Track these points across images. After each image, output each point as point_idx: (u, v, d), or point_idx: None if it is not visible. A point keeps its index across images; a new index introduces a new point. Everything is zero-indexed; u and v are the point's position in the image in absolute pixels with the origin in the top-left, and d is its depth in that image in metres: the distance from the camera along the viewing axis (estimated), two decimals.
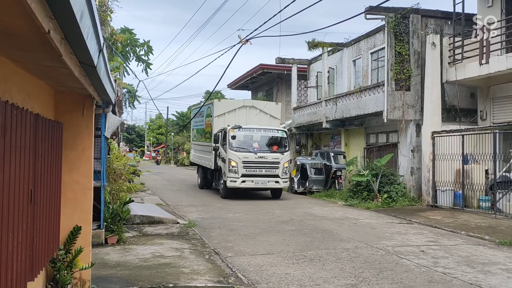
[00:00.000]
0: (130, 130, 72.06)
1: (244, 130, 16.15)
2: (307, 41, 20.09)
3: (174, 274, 6.43)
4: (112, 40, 17.88)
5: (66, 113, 5.15)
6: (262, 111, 18.15)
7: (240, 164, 15.47)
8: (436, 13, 16.03)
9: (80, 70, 3.37)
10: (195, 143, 22.15)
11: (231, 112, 17.82)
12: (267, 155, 15.80)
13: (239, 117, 17.59)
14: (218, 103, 18.29)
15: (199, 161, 20.38)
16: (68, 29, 2.40)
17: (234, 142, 15.74)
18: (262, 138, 16.36)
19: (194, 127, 23.01)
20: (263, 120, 17.97)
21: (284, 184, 16.26)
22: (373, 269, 6.92)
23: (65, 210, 5.19)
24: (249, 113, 17.88)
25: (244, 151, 15.68)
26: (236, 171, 15.47)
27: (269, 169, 15.77)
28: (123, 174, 10.77)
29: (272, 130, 16.72)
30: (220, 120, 17.64)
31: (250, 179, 15.64)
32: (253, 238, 9.22)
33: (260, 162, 15.69)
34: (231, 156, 15.52)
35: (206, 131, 19.20)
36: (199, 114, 21.41)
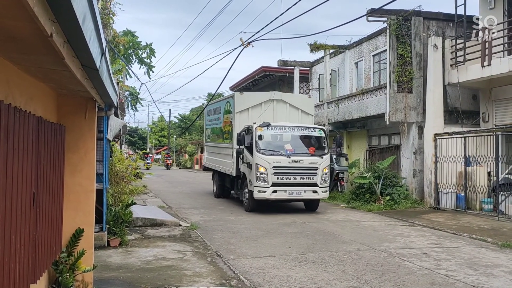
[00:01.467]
0: (133, 132, 72.22)
1: (274, 128, 13.32)
2: (309, 43, 20.10)
3: (176, 277, 6.43)
4: (115, 43, 17.93)
5: (69, 116, 5.17)
6: (292, 105, 15.09)
7: (270, 171, 12.63)
8: (438, 15, 16.03)
9: (83, 73, 3.38)
10: (210, 144, 18.89)
11: (255, 107, 14.80)
12: (303, 159, 12.90)
13: (265, 113, 14.68)
14: (240, 97, 15.01)
15: (215, 165, 17.33)
16: (71, 32, 2.42)
17: (262, 143, 12.93)
18: (296, 138, 13.51)
19: (208, 126, 19.60)
20: (293, 116, 14.96)
21: (323, 195, 13.18)
22: (376, 271, 6.91)
23: (68, 212, 5.21)
24: (277, 108, 14.86)
25: (274, 154, 12.90)
26: (265, 179, 12.63)
27: (305, 176, 12.90)
28: (126, 176, 10.79)
29: (307, 128, 13.79)
30: (242, 117, 14.71)
31: (283, 188, 12.77)
32: (255, 240, 9.22)
33: (295, 167, 12.80)
34: (259, 161, 12.69)
35: (224, 131, 16.19)
36: (214, 111, 18.21)
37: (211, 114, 18.80)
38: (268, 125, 13.16)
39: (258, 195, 12.78)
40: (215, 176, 17.92)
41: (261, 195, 12.77)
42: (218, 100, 18.51)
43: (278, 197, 12.90)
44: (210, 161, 18.63)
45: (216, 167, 17.19)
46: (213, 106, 18.74)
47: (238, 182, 14.58)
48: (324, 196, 13.35)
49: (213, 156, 17.97)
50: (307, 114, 15.38)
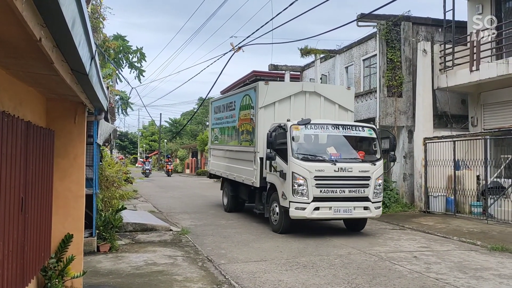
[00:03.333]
0: (123, 137, 71.87)
1: (314, 126, 10.49)
2: (299, 48, 20.17)
3: (167, 282, 6.39)
4: (105, 47, 17.85)
5: (58, 121, 5.13)
6: (327, 99, 12.18)
7: (311, 181, 9.77)
8: (427, 20, 16.20)
9: (72, 77, 3.37)
10: (218, 147, 15.69)
11: (283, 101, 11.89)
12: (352, 167, 10.08)
13: (296, 108, 11.79)
14: (265, 88, 11.84)
15: (226, 173, 14.34)
16: (60, 37, 2.41)
17: (300, 146, 10.19)
18: (341, 139, 10.71)
19: (215, 126, 16.31)
20: (329, 112, 12.09)
21: (376, 212, 10.31)
22: (366, 275, 6.93)
23: (57, 218, 5.17)
24: (310, 102, 11.97)
25: (316, 160, 10.08)
26: (305, 193, 9.76)
27: (355, 188, 10.10)
28: (116, 181, 10.72)
29: (354, 127, 10.97)
30: (267, 114, 11.78)
31: (327, 204, 9.88)
32: (246, 245, 9.20)
33: (342, 177, 9.98)
34: (296, 169, 9.85)
35: (241, 130, 13.06)
36: (225, 108, 15.11)
37: (220, 111, 15.66)
38: (309, 122, 10.31)
39: (295, 213, 9.82)
40: (225, 185, 15.00)
41: (300, 213, 9.81)
42: (232, 93, 15.24)
43: (321, 216, 10.08)
44: (218, 167, 15.57)
45: (227, 175, 14.23)
46: (223, 102, 15.48)
47: (262, 194, 11.58)
48: (378, 214, 10.42)
49: (223, 162, 14.95)
50: (346, 109, 12.37)
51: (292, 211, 9.87)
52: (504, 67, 12.47)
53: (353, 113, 12.74)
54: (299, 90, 12.03)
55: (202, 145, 41.59)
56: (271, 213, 10.95)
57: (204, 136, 43.67)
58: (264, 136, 10.98)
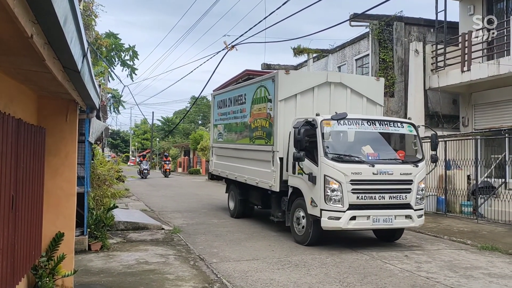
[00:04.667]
0: (115, 135, 71.59)
1: (348, 122, 9.00)
2: (292, 47, 20.27)
3: (158, 281, 6.38)
4: (97, 45, 17.76)
5: (50, 118, 5.10)
6: (354, 91, 10.64)
7: (347, 186, 8.40)
8: (419, 21, 16.31)
9: (64, 75, 3.35)
10: (222, 146, 14.07)
11: (305, 93, 10.29)
12: (393, 169, 8.75)
13: (320, 102, 10.30)
14: (285, 78, 10.29)
15: (234, 174, 12.73)
16: (52, 34, 2.39)
17: (331, 144, 8.81)
18: (377, 137, 9.39)
19: (219, 122, 14.55)
20: (356, 106, 10.56)
21: (419, 221, 9.00)
22: (358, 274, 6.96)
23: (48, 216, 5.13)
24: (335, 95, 10.46)
25: (351, 161, 8.73)
26: (339, 199, 8.40)
27: (395, 194, 8.74)
28: (108, 179, 10.66)
29: (392, 123, 9.56)
30: (288, 108, 10.18)
31: (365, 213, 8.54)
32: (238, 243, 9.20)
33: (382, 181, 8.64)
34: (329, 171, 8.45)
35: (254, 127, 11.41)
36: (232, 101, 13.31)
37: (225, 106, 13.88)
38: (345, 116, 8.90)
39: (328, 223, 8.45)
40: (232, 188, 13.44)
41: (334, 224, 8.42)
42: (241, 85, 13.32)
43: (358, 227, 8.77)
44: (222, 167, 13.89)
45: (235, 176, 12.59)
46: (229, 95, 13.65)
47: (282, 200, 10.05)
48: (420, 223, 9.14)
49: (229, 162, 13.27)
50: (374, 103, 10.88)
51: (324, 221, 8.44)
52: (495, 68, 12.58)
53: (383, 107, 11.22)
54: (324, 80, 10.39)
55: (195, 144, 41.51)
56: (294, 222, 9.45)
57: (196, 135, 43.59)
58: (284, 133, 9.86)
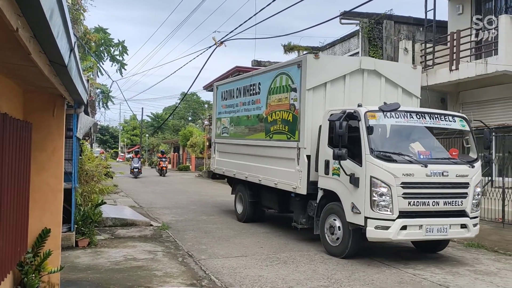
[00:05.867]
0: (104, 131, 71.09)
1: (395, 115, 7.76)
2: (283, 44, 20.24)
3: (146, 277, 6.36)
4: (86, 40, 17.59)
5: (36, 113, 5.04)
6: (389, 80, 9.42)
7: (397, 190, 7.16)
8: (409, 19, 16.40)
9: (50, 69, 3.31)
10: (228, 141, 12.58)
11: (336, 81, 8.99)
12: (448, 170, 7.50)
13: (351, 92, 9.03)
14: (315, 63, 8.84)
15: (244, 174, 11.27)
16: (38, 27, 2.36)
17: (377, 140, 7.63)
18: (425, 133, 8.26)
19: (223, 115, 13.07)
20: (390, 97, 9.12)
21: (475, 231, 7.80)
22: (346, 270, 7.00)
23: (34, 212, 5.08)
24: (368, 84, 9.21)
25: (401, 160, 7.43)
26: (388, 205, 7.15)
27: (450, 199, 7.51)
28: (96, 175, 10.58)
29: (443, 116, 8.28)
30: (317, 98, 8.85)
31: (417, 221, 7.29)
32: (227, 240, 9.20)
33: (436, 184, 7.40)
34: (377, 172, 7.21)
35: (272, 120, 9.98)
36: (240, 92, 11.93)
37: (232, 97, 12.47)
38: (397, 108, 7.71)
39: (375, 233, 7.18)
40: (239, 189, 12.00)
41: (382, 234, 7.18)
42: (253, 73, 11.60)
43: (409, 237, 7.56)
44: (228, 166, 12.44)
45: (246, 176, 11.12)
46: (238, 84, 12.14)
47: (309, 204, 8.77)
48: (476, 233, 7.86)
49: (237, 159, 11.82)
50: (410, 95, 9.64)
51: (370, 231, 7.15)
52: (483, 67, 12.70)
53: (419, 99, 9.82)
54: (356, 67, 9.10)
55: (184, 140, 41.39)
56: (326, 230, 8.15)
57: (186, 131, 43.46)
58: (312, 127, 8.67)
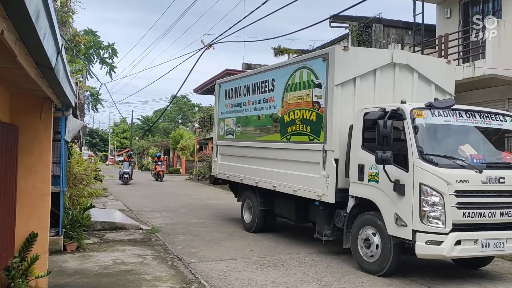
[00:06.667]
0: (93, 134, 70.61)
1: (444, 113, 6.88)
2: (273, 47, 20.31)
3: (135, 282, 6.31)
4: (75, 42, 17.49)
5: (23, 116, 4.99)
6: (422, 76, 8.50)
7: (450, 199, 6.29)
8: (398, 23, 16.53)
9: (37, 71, 3.28)
10: (234, 144, 11.54)
11: (366, 76, 8.09)
12: (505, 176, 6.63)
13: (382, 88, 8.15)
14: (344, 55, 7.99)
15: (254, 179, 10.14)
16: (23, 30, 2.34)
17: (425, 142, 6.69)
18: (477, 134, 7.29)
19: (227, 115, 12.00)
20: (423, 95, 8.31)
21: None
22: (336, 273, 7.02)
23: (21, 216, 5.03)
24: (400, 80, 8.31)
25: (454, 165, 6.55)
26: (440, 216, 6.27)
27: (508, 209, 6.62)
28: (84, 179, 10.50)
29: (494, 115, 7.34)
30: (345, 95, 7.96)
31: (471, 235, 6.43)
32: (217, 243, 9.18)
33: (492, 192, 6.58)
34: (427, 178, 6.35)
35: (290, 120, 9.03)
36: (248, 89, 10.88)
37: (238, 95, 11.38)
38: (452, 105, 6.97)
39: (426, 249, 6.29)
40: (247, 196, 10.94)
41: (433, 250, 6.27)
42: (267, 68, 10.63)
43: (464, 254, 6.48)
44: (234, 170, 11.28)
45: (257, 181, 10.03)
46: (247, 81, 11.03)
47: (337, 214, 7.84)
48: None
49: (246, 163, 10.70)
50: (444, 92, 8.71)
51: (421, 246, 6.24)
52: (471, 70, 12.83)
53: (453, 95, 8.77)
54: (388, 61, 8.22)
55: (175, 143, 41.24)
56: (360, 244, 7.20)
57: (176, 134, 43.31)
58: (341, 128, 7.77)
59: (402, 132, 6.70)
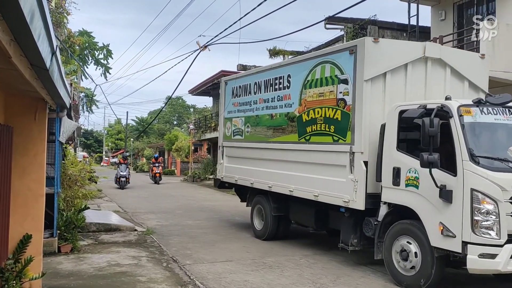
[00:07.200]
0: (88, 135, 70.35)
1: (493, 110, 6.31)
2: (268, 48, 20.32)
3: (130, 283, 6.29)
4: (69, 43, 17.42)
5: (17, 117, 4.97)
6: (455, 71, 7.86)
7: (504, 206, 5.67)
8: (392, 25, 16.60)
9: (32, 72, 3.26)
10: (243, 145, 10.68)
11: (397, 71, 7.43)
12: None
13: (413, 85, 7.49)
14: (374, 48, 7.29)
15: (267, 183, 9.37)
16: (18, 31, 2.33)
17: (476, 143, 6.08)
18: None
19: (234, 115, 11.23)
20: (456, 91, 7.62)
21: None
22: (331, 275, 7.02)
23: (15, 217, 5.00)
24: (432, 75, 7.67)
25: (507, 169, 5.90)
26: (493, 226, 5.64)
27: None
28: (79, 180, 10.45)
29: None
30: (375, 91, 7.28)
31: None
32: (213, 245, 9.16)
33: None
34: (479, 183, 5.71)
35: (310, 119, 8.31)
36: (259, 87, 10.15)
37: (247, 93, 10.62)
38: (509, 101, 6.36)
39: (479, 264, 5.68)
40: (258, 201, 10.16)
41: (487, 265, 5.69)
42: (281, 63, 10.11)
43: None
44: (242, 173, 10.49)
45: (270, 185, 9.27)
46: (258, 78, 10.25)
47: (366, 222, 7.12)
48: None
49: (258, 166, 9.89)
50: (477, 89, 8.06)
51: (473, 260, 5.62)
52: None
53: (486, 92, 8.01)
54: (420, 55, 7.56)
55: (170, 145, 41.15)
56: (395, 255, 6.53)
57: (171, 135, 43.22)
58: (371, 127, 7.08)
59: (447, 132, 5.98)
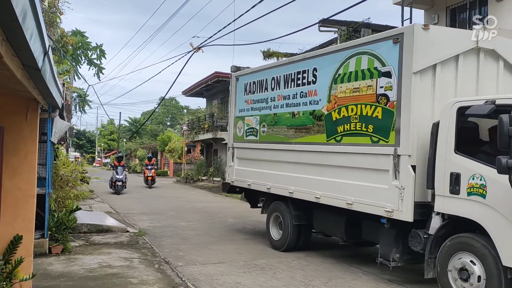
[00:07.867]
0: (80, 135, 69.99)
1: None
2: (262, 50, 20.34)
3: (121, 285, 6.25)
4: (62, 43, 17.33)
5: (8, 117, 4.93)
6: (509, 64, 7.01)
7: None
8: (386, 28, 16.59)
9: (23, 72, 3.24)
10: (259, 146, 9.66)
11: (447, 63, 6.50)
12: None
13: (463, 78, 6.62)
14: (424, 36, 6.31)
15: (288, 188, 8.49)
16: (10, 30, 2.31)
17: None
18: None
19: (247, 113, 10.25)
20: (509, 87, 6.97)
21: None
22: (323, 277, 7.03)
23: (5, 218, 4.95)
24: (484, 69, 6.78)
25: None
26: None
27: None
28: (71, 180, 10.38)
29: None
30: (423, 86, 6.36)
31: None
32: (205, 247, 9.13)
33: None
34: None
35: (342, 117, 7.44)
36: (277, 82, 9.18)
37: (263, 90, 9.67)
38: None
39: None
40: (276, 208, 9.27)
41: None
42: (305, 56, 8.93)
43: None
44: (257, 177, 9.53)
45: (291, 191, 8.40)
46: (276, 72, 9.33)
47: (413, 235, 6.27)
48: None
49: (276, 169, 8.97)
50: None
51: None
52: None
53: None
54: (472, 45, 6.65)
55: (163, 146, 41.04)
56: (452, 275, 5.70)
57: (164, 136, 43.10)
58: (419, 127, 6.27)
59: None
